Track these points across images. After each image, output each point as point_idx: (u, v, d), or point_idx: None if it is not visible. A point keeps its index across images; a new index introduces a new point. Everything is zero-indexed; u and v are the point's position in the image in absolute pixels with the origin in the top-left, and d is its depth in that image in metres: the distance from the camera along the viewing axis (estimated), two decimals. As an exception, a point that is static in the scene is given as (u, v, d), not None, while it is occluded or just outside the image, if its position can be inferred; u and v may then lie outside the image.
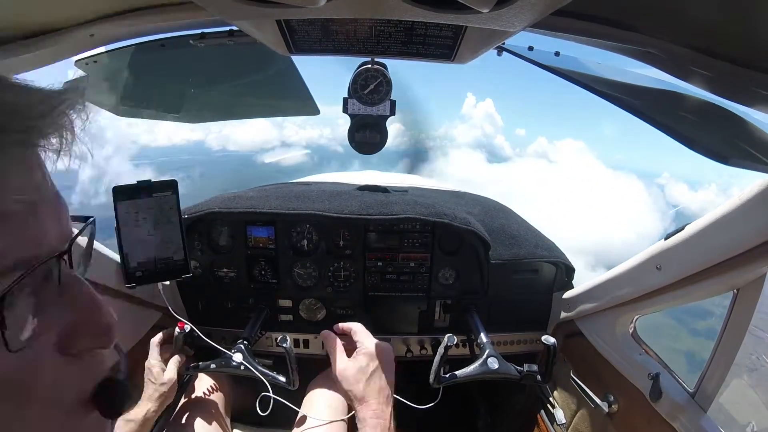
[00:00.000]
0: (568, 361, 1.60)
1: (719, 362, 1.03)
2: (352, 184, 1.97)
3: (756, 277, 0.95)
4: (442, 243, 1.67)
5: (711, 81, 0.63)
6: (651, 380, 1.18)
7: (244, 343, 1.39)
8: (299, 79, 1.15)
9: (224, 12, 0.55)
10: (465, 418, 2.06)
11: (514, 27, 0.53)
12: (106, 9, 0.72)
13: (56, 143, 0.31)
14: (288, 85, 1.20)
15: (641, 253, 1.19)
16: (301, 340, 1.74)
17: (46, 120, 0.29)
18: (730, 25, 0.55)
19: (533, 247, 1.67)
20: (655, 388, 1.16)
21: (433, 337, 1.72)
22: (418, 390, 1.37)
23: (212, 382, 1.50)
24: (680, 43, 0.62)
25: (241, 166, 39.99)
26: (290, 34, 0.70)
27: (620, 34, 0.66)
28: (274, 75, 1.17)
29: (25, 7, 0.63)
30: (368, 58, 0.87)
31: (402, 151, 3.05)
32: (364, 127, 0.98)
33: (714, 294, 1.03)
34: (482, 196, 2.25)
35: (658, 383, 1.16)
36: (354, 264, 1.68)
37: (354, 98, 0.94)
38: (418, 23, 0.66)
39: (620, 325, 1.37)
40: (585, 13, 0.66)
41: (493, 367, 1.33)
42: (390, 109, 0.97)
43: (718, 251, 0.94)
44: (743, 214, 0.87)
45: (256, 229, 1.63)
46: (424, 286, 1.71)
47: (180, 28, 0.87)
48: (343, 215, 1.54)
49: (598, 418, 1.38)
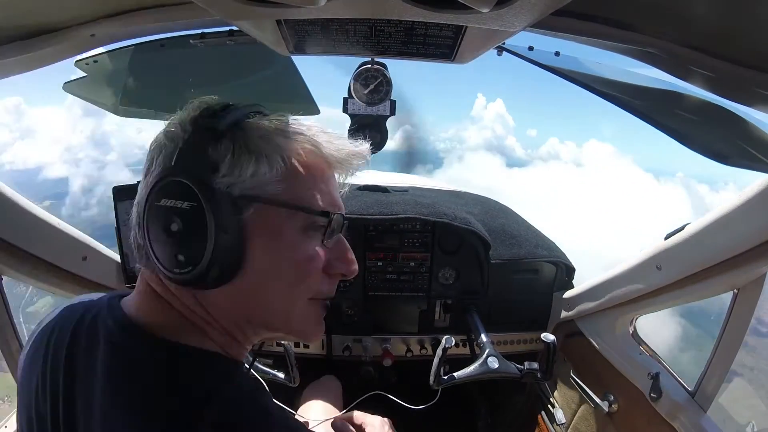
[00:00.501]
0: (569, 360, 1.60)
1: (719, 362, 1.03)
2: (352, 184, 1.96)
3: (756, 277, 0.95)
4: (442, 243, 1.67)
5: (711, 80, 0.63)
6: (651, 380, 1.18)
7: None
8: (299, 79, 1.15)
9: (224, 12, 0.55)
10: (465, 418, 2.06)
11: (514, 27, 0.53)
12: (106, 9, 0.72)
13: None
14: (288, 85, 1.20)
15: (641, 252, 1.19)
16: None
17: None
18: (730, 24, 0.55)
19: (533, 247, 1.67)
20: (655, 388, 1.16)
21: (433, 337, 1.72)
22: (418, 390, 1.37)
23: None
24: (680, 42, 0.62)
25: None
26: (290, 34, 0.70)
27: (620, 34, 0.66)
28: (274, 75, 1.17)
29: (26, 7, 0.63)
30: (368, 58, 0.87)
31: (412, 154, 3.04)
32: (363, 127, 0.99)
33: (714, 294, 1.03)
34: (482, 196, 2.25)
35: (658, 383, 1.16)
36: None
37: (354, 98, 0.95)
38: (418, 23, 0.66)
39: (620, 325, 1.37)
40: (585, 13, 0.66)
41: (493, 367, 1.33)
42: (390, 108, 0.97)
43: (719, 251, 0.94)
44: (743, 213, 0.87)
45: None
46: (424, 286, 1.71)
47: (180, 28, 0.87)
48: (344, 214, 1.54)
49: (598, 418, 1.38)
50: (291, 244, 0.52)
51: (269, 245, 0.51)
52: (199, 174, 0.47)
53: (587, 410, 1.43)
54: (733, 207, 0.88)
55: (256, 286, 0.51)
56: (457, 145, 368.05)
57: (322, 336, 0.65)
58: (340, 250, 0.59)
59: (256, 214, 0.49)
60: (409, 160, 3.04)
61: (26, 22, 0.67)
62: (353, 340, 1.74)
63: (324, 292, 0.58)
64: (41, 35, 0.70)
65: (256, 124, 0.52)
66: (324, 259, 0.55)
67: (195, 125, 0.51)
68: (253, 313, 0.54)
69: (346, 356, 1.72)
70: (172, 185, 0.47)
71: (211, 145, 0.49)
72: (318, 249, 0.54)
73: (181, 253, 0.47)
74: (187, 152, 0.49)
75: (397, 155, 3.03)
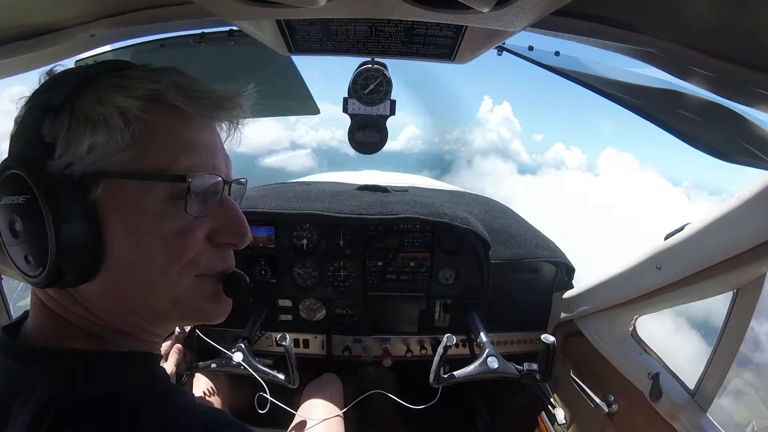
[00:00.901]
0: (568, 361, 1.60)
1: (719, 362, 1.03)
2: (352, 184, 1.97)
3: (756, 277, 0.95)
4: (442, 243, 1.67)
5: (711, 80, 0.63)
6: (651, 380, 1.18)
7: (245, 342, 1.39)
8: (299, 78, 1.15)
9: (224, 12, 0.55)
10: (465, 418, 2.06)
11: (514, 27, 0.53)
12: (106, 9, 0.72)
13: (225, 127, 0.55)
14: (288, 85, 1.20)
15: (641, 252, 1.19)
16: (301, 340, 1.74)
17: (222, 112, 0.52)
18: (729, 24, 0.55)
19: (533, 247, 1.67)
20: (655, 388, 1.16)
21: (433, 337, 1.72)
22: (418, 390, 1.37)
23: (210, 384, 1.50)
24: (680, 42, 0.62)
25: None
26: (290, 34, 0.70)
27: (620, 33, 0.66)
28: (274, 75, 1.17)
29: (26, 6, 0.63)
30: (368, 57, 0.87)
31: (422, 159, 3.02)
32: (364, 127, 0.98)
33: (714, 294, 1.03)
34: (483, 196, 2.25)
35: (657, 383, 1.16)
36: (354, 264, 1.68)
37: (354, 98, 0.94)
38: (418, 23, 0.66)
39: (620, 325, 1.37)
40: (585, 13, 0.66)
41: (492, 367, 1.33)
42: (390, 108, 0.97)
43: (718, 251, 0.94)
44: (743, 213, 0.87)
45: (255, 228, 1.63)
46: (424, 286, 1.71)
47: (180, 28, 0.87)
48: (343, 215, 1.54)
49: (598, 418, 1.38)
50: (155, 218, 0.45)
51: (130, 225, 0.45)
52: (31, 160, 0.42)
53: (587, 410, 1.43)
54: (732, 207, 0.88)
55: (126, 273, 0.45)
56: (461, 147, 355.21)
57: (228, 312, 0.54)
58: (225, 217, 0.51)
59: (108, 192, 0.43)
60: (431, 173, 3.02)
61: (26, 22, 0.67)
62: (353, 340, 1.74)
63: (215, 267, 0.52)
64: (41, 35, 0.70)
65: (95, 86, 0.44)
66: (204, 230, 0.49)
67: (28, 102, 0.45)
68: (133, 303, 0.48)
69: (346, 356, 1.72)
70: (8, 179, 0.42)
71: (46, 122, 0.42)
72: (192, 220, 0.47)
73: (29, 254, 0.43)
74: (21, 136, 0.44)
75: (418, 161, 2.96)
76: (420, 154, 35.20)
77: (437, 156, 47.79)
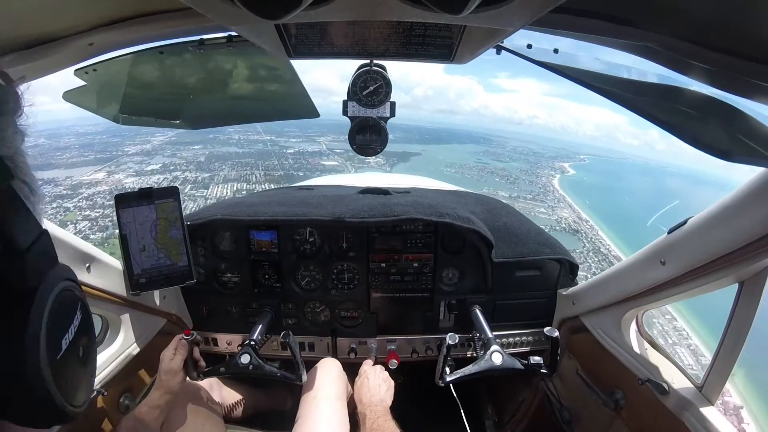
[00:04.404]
0: (574, 357, 1.60)
1: (725, 355, 1.03)
2: (354, 187, 1.97)
3: (760, 269, 0.94)
4: (445, 243, 1.67)
5: (709, 73, 0.63)
6: (657, 374, 1.18)
7: (251, 344, 1.39)
8: (298, 82, 1.15)
9: (223, 17, 0.55)
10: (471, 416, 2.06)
11: (513, 25, 0.54)
12: (104, 18, 0.73)
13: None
14: (287, 89, 1.20)
15: (645, 247, 1.18)
16: (306, 343, 1.74)
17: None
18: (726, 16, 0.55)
19: (537, 245, 1.67)
20: (662, 382, 1.16)
21: (438, 338, 1.72)
22: (425, 390, 1.37)
23: (210, 390, 1.51)
24: (677, 36, 0.62)
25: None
26: (289, 39, 0.70)
27: (618, 29, 0.66)
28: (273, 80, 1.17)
29: (25, 16, 0.63)
30: (367, 60, 0.87)
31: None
32: (364, 130, 0.99)
33: (719, 287, 1.03)
34: (484, 196, 2.25)
35: (664, 377, 1.16)
36: (357, 266, 1.68)
37: (353, 101, 0.95)
38: (417, 24, 0.66)
39: (625, 320, 1.37)
40: (582, 10, 0.66)
41: (497, 363, 1.33)
42: (390, 110, 0.97)
43: (722, 244, 0.93)
44: (746, 206, 0.87)
45: (259, 233, 1.63)
46: (428, 287, 1.71)
47: (179, 34, 0.87)
48: (346, 219, 1.54)
49: (606, 414, 1.38)
50: None
51: None
52: None
53: (594, 406, 1.43)
54: (735, 199, 0.88)
55: None
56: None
57: None
58: None
59: None
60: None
61: (25, 32, 0.67)
62: (358, 342, 1.74)
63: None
64: (41, 45, 0.70)
65: None
66: None
67: None
68: None
69: (351, 358, 1.72)
70: None
71: None
72: None
73: None
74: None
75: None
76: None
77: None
